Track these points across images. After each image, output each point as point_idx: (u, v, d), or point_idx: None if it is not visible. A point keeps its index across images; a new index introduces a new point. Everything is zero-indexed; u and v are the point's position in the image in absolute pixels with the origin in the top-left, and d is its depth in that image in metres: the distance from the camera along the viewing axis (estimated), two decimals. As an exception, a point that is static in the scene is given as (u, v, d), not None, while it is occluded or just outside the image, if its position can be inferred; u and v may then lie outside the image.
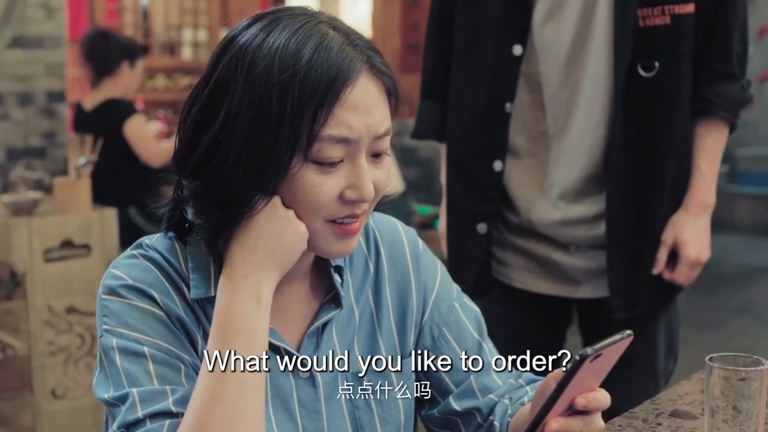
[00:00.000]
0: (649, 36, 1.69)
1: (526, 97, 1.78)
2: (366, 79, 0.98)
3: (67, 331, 3.01)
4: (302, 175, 0.97)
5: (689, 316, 4.52)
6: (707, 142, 1.79)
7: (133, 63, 3.94)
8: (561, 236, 1.81)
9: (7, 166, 4.34)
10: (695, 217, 1.78)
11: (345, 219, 1.01)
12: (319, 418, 1.08)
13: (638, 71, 1.70)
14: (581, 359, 0.87)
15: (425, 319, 1.18)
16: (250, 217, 0.98)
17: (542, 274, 1.85)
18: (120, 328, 0.99)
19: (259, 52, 0.96)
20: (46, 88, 4.49)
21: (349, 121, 0.96)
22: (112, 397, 0.97)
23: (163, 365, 0.98)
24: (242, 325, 0.95)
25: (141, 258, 1.04)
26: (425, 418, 1.23)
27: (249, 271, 0.97)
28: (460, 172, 1.88)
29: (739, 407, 1.06)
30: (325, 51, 0.96)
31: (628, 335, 0.92)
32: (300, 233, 0.99)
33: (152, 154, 3.80)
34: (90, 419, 3.06)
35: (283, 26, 0.98)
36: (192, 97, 1.02)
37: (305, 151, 0.96)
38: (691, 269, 1.79)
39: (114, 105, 3.84)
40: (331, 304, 1.10)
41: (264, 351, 0.96)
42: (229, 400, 0.92)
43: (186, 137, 1.00)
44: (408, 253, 1.19)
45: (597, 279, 1.82)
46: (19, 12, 4.35)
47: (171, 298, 1.02)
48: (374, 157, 1.02)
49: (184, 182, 1.01)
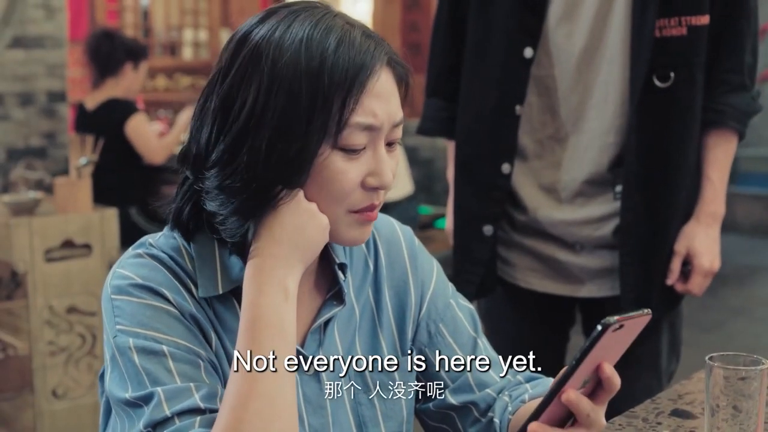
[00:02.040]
0: (666, 47, 1.69)
1: (536, 101, 1.78)
2: (385, 69, 1.01)
3: (68, 331, 3.02)
4: (330, 162, 0.99)
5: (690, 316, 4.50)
6: (717, 152, 1.79)
7: (137, 64, 3.95)
8: (567, 236, 1.81)
9: (8, 166, 4.35)
10: (706, 227, 1.79)
11: (365, 210, 1.03)
12: (324, 414, 1.09)
13: (654, 81, 1.70)
14: (604, 328, 0.87)
15: (422, 315, 1.19)
16: (274, 210, 0.99)
17: (547, 273, 1.86)
18: (135, 327, 0.99)
19: (282, 43, 0.98)
20: (46, 88, 4.49)
21: (374, 109, 0.99)
22: (132, 397, 0.96)
23: (183, 362, 0.98)
24: (272, 319, 0.96)
25: (147, 257, 1.04)
26: (420, 412, 1.23)
27: (275, 264, 0.98)
28: (467, 173, 1.88)
29: (739, 406, 1.06)
30: (349, 42, 0.99)
31: (647, 313, 0.92)
32: (323, 226, 1.01)
33: (154, 151, 3.80)
34: (91, 419, 3.06)
35: (303, 18, 1.00)
36: (206, 93, 1.02)
37: (334, 138, 0.98)
38: (705, 279, 1.80)
39: (116, 104, 3.85)
40: (334, 301, 1.11)
41: (293, 344, 0.97)
42: (266, 395, 0.92)
43: (204, 131, 1.01)
44: (405, 251, 1.20)
45: (601, 278, 1.82)
46: (20, 12, 4.35)
47: (182, 296, 1.02)
48: (388, 146, 1.04)
49: (205, 174, 1.01)
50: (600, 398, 0.95)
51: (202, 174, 1.01)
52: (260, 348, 0.94)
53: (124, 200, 3.73)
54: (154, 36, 5.89)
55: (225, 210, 1.00)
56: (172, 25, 5.94)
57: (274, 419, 0.91)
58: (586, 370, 0.92)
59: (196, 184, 1.02)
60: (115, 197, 3.61)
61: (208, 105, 1.01)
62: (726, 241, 6.36)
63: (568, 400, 0.92)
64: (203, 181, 1.01)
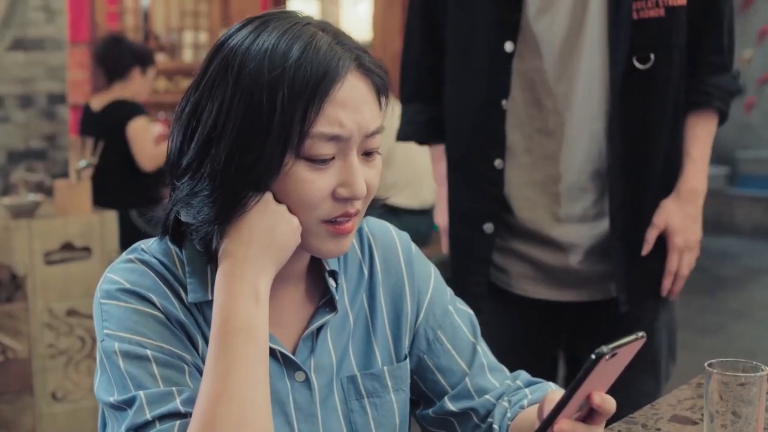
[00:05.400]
0: (644, 28, 1.71)
1: (520, 95, 1.79)
2: (355, 76, 0.99)
3: (68, 334, 3.02)
4: (294, 172, 0.98)
5: (689, 319, 4.52)
6: (698, 131, 1.82)
7: (145, 69, 4.00)
8: (561, 236, 1.81)
9: (8, 169, 4.35)
10: (685, 203, 1.80)
11: (338, 218, 1.01)
12: (315, 422, 1.09)
13: (634, 63, 1.72)
14: (597, 358, 0.87)
15: (419, 322, 1.19)
16: (243, 214, 0.98)
17: (541, 279, 1.85)
18: (121, 332, 0.99)
19: (248, 53, 0.97)
20: (46, 90, 4.49)
21: (340, 118, 0.97)
22: (117, 401, 0.97)
23: (166, 367, 0.98)
24: (242, 322, 0.95)
25: (138, 263, 1.05)
26: (420, 418, 1.23)
27: (245, 267, 0.97)
28: (461, 172, 1.89)
29: (738, 412, 1.06)
30: (314, 50, 0.97)
31: (641, 337, 0.92)
32: (293, 226, 1.00)
33: (147, 157, 3.83)
34: (90, 422, 3.06)
35: (273, 28, 0.99)
36: (183, 100, 1.02)
37: (297, 149, 0.97)
38: (682, 256, 1.81)
39: (121, 105, 3.88)
40: (326, 308, 1.11)
41: (266, 346, 0.97)
42: (236, 398, 0.92)
43: (178, 139, 1.01)
44: (401, 257, 1.20)
45: (595, 283, 1.83)
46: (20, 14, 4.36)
47: (170, 302, 1.02)
48: (366, 156, 1.02)
49: (176, 183, 1.01)
50: (596, 420, 0.96)
51: (176, 181, 1.01)
52: (231, 351, 0.94)
53: (126, 203, 3.74)
54: (154, 38, 5.89)
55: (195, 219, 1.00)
56: (172, 27, 5.94)
57: (244, 423, 0.91)
58: (580, 398, 0.92)
59: (172, 191, 1.03)
60: (116, 199, 3.61)
61: (182, 113, 1.01)
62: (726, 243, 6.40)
63: (561, 430, 0.92)
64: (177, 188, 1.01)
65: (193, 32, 6.00)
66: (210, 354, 0.95)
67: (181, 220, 1.03)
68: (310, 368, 1.09)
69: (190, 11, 5.94)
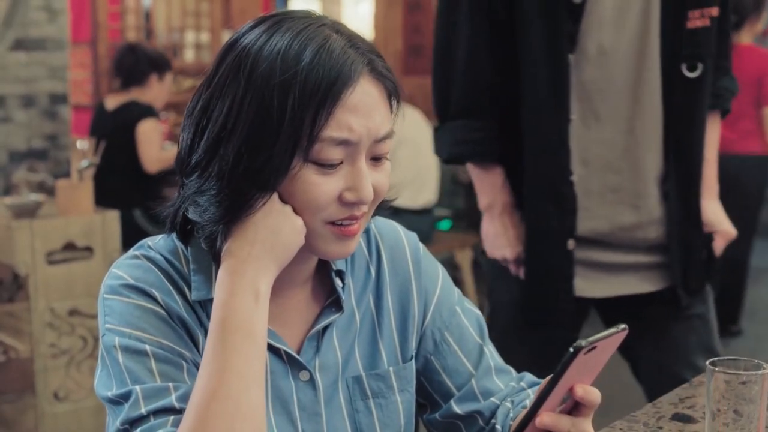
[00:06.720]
0: (694, 38, 1.78)
1: (577, 106, 1.79)
2: (367, 81, 0.99)
3: (70, 334, 3.02)
4: (302, 175, 0.97)
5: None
6: (711, 133, 1.93)
7: (162, 75, 4.02)
8: (625, 240, 1.85)
9: (10, 169, 4.35)
10: (715, 200, 1.97)
11: (344, 221, 1.01)
12: (319, 421, 1.08)
13: (683, 72, 1.78)
14: (575, 351, 0.88)
15: (426, 323, 1.19)
16: (249, 214, 0.98)
17: (596, 277, 1.88)
18: (122, 326, 1.00)
19: (261, 53, 0.97)
20: (48, 90, 4.50)
21: (350, 123, 0.97)
22: (114, 395, 0.98)
23: (165, 363, 0.98)
24: (241, 321, 0.95)
25: (143, 259, 1.05)
26: (427, 422, 1.23)
27: (246, 266, 0.97)
28: (544, 191, 1.83)
29: (740, 411, 1.06)
30: (327, 53, 0.96)
31: (623, 329, 0.92)
32: (297, 227, 0.99)
33: (151, 160, 3.85)
34: (92, 422, 3.07)
35: (286, 28, 0.98)
36: (195, 97, 1.02)
37: (306, 152, 0.96)
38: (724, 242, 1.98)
39: (135, 106, 3.92)
40: (332, 308, 1.10)
41: (264, 345, 0.97)
42: (230, 396, 0.91)
43: (188, 136, 1.01)
44: (409, 257, 1.19)
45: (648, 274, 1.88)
46: (22, 14, 4.36)
47: (172, 298, 1.02)
48: (374, 161, 1.02)
49: (185, 181, 1.01)
50: (582, 413, 0.95)
51: (185, 178, 1.01)
52: (228, 349, 0.93)
53: (131, 202, 3.75)
54: (155, 38, 5.89)
55: (201, 217, 1.00)
56: (173, 27, 5.94)
57: (237, 421, 0.91)
58: (561, 391, 0.93)
59: (181, 188, 1.03)
60: (121, 199, 3.62)
61: (194, 111, 1.01)
62: (728, 242, 6.23)
63: (542, 423, 0.92)
64: (185, 186, 1.01)
65: (195, 32, 6.00)
66: (207, 351, 0.95)
67: (188, 217, 1.03)
68: (315, 368, 1.09)
69: (192, 11, 5.94)
